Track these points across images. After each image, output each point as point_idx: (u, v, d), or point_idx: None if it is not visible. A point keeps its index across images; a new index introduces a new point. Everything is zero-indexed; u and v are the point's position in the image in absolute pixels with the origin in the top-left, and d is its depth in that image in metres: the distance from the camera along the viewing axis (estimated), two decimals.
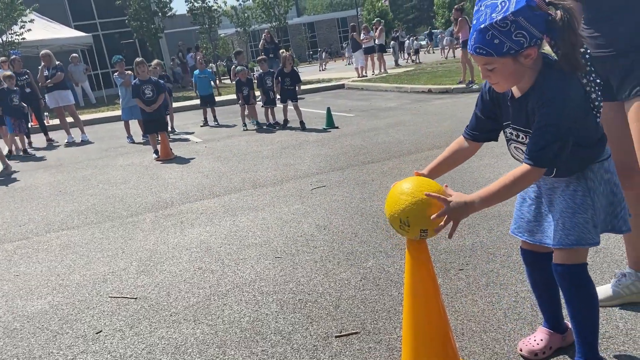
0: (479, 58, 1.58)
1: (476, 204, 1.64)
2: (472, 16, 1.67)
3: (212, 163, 6.67)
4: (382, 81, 14.57)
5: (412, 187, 1.70)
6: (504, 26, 1.49)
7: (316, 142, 7.28)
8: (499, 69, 1.57)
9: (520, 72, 1.59)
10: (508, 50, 1.52)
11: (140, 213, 4.74)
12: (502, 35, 1.50)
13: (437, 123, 7.54)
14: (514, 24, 1.48)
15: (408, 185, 1.72)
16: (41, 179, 6.94)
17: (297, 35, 60.66)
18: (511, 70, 1.57)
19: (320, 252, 3.33)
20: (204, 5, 27.33)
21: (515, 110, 1.69)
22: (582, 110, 1.62)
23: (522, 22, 1.48)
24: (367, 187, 4.70)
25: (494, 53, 1.53)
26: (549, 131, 1.55)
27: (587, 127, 1.65)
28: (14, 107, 8.86)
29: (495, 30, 1.50)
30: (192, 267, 3.33)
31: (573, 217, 1.68)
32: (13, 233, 4.57)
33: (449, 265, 2.92)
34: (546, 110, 1.55)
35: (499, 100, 1.75)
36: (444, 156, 1.93)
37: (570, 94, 1.55)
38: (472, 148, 1.91)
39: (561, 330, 2.01)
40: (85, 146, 9.64)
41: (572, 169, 1.70)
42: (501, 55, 1.53)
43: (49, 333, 2.67)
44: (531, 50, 1.53)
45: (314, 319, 2.50)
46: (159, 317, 2.71)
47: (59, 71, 10.01)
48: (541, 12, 1.50)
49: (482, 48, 1.54)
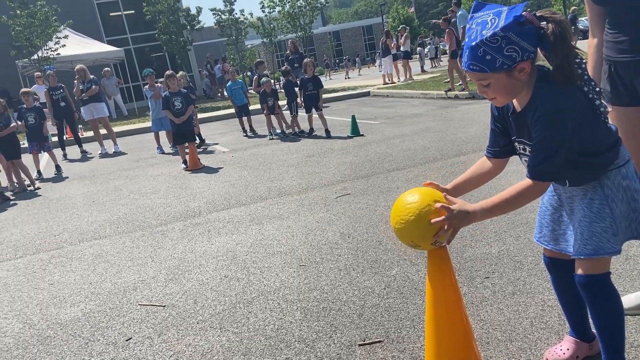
0: (473, 75, 1.61)
1: (478, 214, 1.65)
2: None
3: (238, 172, 6.77)
4: (408, 88, 14.51)
5: (404, 209, 1.69)
6: (495, 42, 1.52)
7: (341, 150, 7.30)
8: (493, 84, 1.60)
9: (515, 87, 1.60)
10: (501, 66, 1.54)
11: (170, 222, 4.84)
12: (494, 51, 1.53)
13: (464, 129, 7.47)
14: (504, 40, 1.51)
15: (401, 208, 1.71)
16: (75, 189, 7.15)
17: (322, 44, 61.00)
18: (506, 85, 1.59)
19: (344, 260, 3.34)
20: (231, 17, 27.79)
21: (517, 124, 1.70)
22: (586, 119, 1.60)
23: (513, 37, 1.51)
24: (392, 194, 4.70)
25: (487, 69, 1.56)
26: (546, 146, 1.56)
27: (595, 135, 1.63)
28: (30, 126, 8.51)
29: (486, 47, 1.53)
30: (218, 275, 3.39)
31: (590, 226, 1.66)
32: (48, 243, 4.73)
33: (475, 273, 2.89)
34: (541, 125, 1.56)
35: (504, 114, 1.77)
36: (468, 175, 1.93)
37: (565, 106, 1.55)
38: (496, 166, 1.90)
39: (588, 339, 1.97)
40: (118, 157, 9.90)
41: (586, 178, 1.68)
42: (494, 71, 1.56)
43: (81, 340, 2.75)
44: (525, 64, 1.55)
45: (337, 327, 2.51)
46: (186, 324, 2.76)
47: (93, 84, 10.33)
48: (532, 26, 1.52)
49: (475, 64, 1.57)
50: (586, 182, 1.68)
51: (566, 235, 1.81)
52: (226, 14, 27.75)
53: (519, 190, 1.62)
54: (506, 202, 1.63)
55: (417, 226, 1.66)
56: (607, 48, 2.15)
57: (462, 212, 1.64)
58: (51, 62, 17.36)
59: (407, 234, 1.70)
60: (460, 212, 1.64)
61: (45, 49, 17.73)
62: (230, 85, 10.61)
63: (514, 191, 1.63)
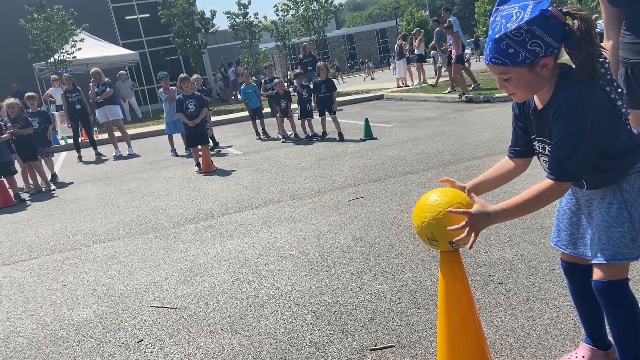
0: (494, 68, 1.58)
1: (499, 216, 1.62)
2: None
3: (251, 175, 6.78)
4: (422, 91, 14.44)
5: (434, 202, 1.68)
6: (519, 35, 1.49)
7: (354, 153, 7.28)
8: (514, 79, 1.56)
9: (537, 83, 1.57)
10: (524, 60, 1.51)
11: (182, 224, 4.86)
12: (517, 45, 1.50)
13: (478, 133, 7.41)
14: (528, 34, 1.48)
15: (430, 200, 1.70)
16: (90, 191, 7.22)
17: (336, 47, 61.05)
18: (527, 80, 1.56)
19: (356, 264, 3.32)
20: (245, 20, 27.96)
21: (538, 122, 1.67)
22: (607, 119, 1.56)
23: (537, 32, 1.48)
24: (405, 198, 4.67)
25: (509, 62, 1.53)
26: (568, 144, 1.52)
27: (617, 136, 1.60)
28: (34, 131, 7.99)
29: (510, 40, 1.50)
30: (230, 277, 3.39)
31: (608, 231, 1.62)
32: (62, 244, 4.77)
33: (488, 278, 2.85)
34: (563, 123, 1.52)
35: (525, 112, 1.73)
36: (488, 174, 1.89)
37: (587, 104, 1.51)
38: (518, 166, 1.85)
39: (604, 347, 1.93)
40: (132, 159, 9.98)
41: (604, 181, 1.64)
42: (516, 65, 1.53)
43: (93, 341, 2.77)
44: (547, 60, 1.51)
45: (349, 332, 2.49)
46: (197, 327, 2.76)
47: (108, 87, 10.44)
48: (557, 21, 1.49)
49: (497, 57, 1.54)
50: (605, 186, 1.65)
51: (585, 239, 1.77)
52: (240, 18, 27.96)
53: (540, 191, 1.59)
54: (528, 202, 1.60)
55: (442, 222, 1.64)
56: (624, 50, 2.11)
57: (482, 214, 1.60)
58: (67, 65, 17.59)
59: (429, 227, 1.67)
60: (481, 214, 1.60)
61: (61, 52, 17.98)
62: (244, 88, 10.66)
63: (535, 191, 1.59)
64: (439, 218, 1.64)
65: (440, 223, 1.64)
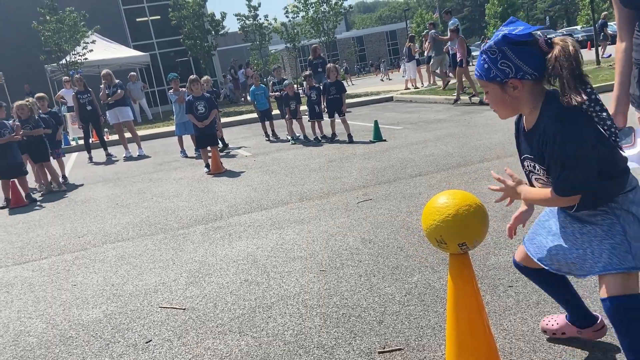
0: (477, 80, 1.72)
1: (522, 196, 1.80)
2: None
3: (260, 176, 6.79)
4: (432, 93, 14.40)
5: (443, 204, 1.68)
6: (493, 53, 1.62)
7: (363, 155, 7.27)
8: (490, 94, 1.70)
9: (511, 103, 1.67)
10: (494, 77, 1.63)
11: (191, 225, 4.88)
12: (490, 62, 1.63)
13: (488, 135, 7.37)
14: (500, 53, 1.60)
15: (439, 202, 1.70)
16: (100, 192, 7.27)
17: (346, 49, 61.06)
18: (498, 98, 1.67)
19: (365, 266, 3.31)
20: (255, 22, 28.04)
21: (526, 143, 1.75)
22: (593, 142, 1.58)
23: (508, 53, 1.59)
24: (414, 200, 4.65)
25: (483, 76, 1.67)
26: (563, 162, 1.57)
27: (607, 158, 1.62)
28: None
29: (487, 56, 1.65)
30: (238, 279, 3.39)
31: (600, 244, 1.65)
32: (73, 244, 4.80)
33: (498, 281, 2.83)
34: (553, 147, 1.58)
35: (518, 132, 1.84)
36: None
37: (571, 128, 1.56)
38: None
39: (580, 325, 2.07)
40: (142, 160, 10.04)
41: (594, 202, 1.67)
42: (489, 80, 1.65)
43: (102, 341, 2.78)
44: (517, 82, 1.60)
45: (357, 334, 2.48)
46: (205, 328, 2.77)
47: (119, 89, 10.51)
48: (529, 48, 1.57)
49: (477, 70, 1.70)
50: (594, 207, 1.68)
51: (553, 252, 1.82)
52: (250, 19, 28.03)
53: (550, 197, 1.67)
54: (542, 199, 1.71)
55: (451, 224, 1.64)
56: (636, 52, 2.09)
57: (513, 189, 1.81)
58: (79, 67, 17.75)
59: (438, 229, 1.68)
60: (513, 188, 1.81)
61: (73, 53, 18.14)
62: (254, 89, 10.68)
63: (549, 194, 1.67)
64: (448, 220, 1.63)
65: (449, 225, 1.63)
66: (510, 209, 3.97)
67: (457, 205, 1.65)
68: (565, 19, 70.80)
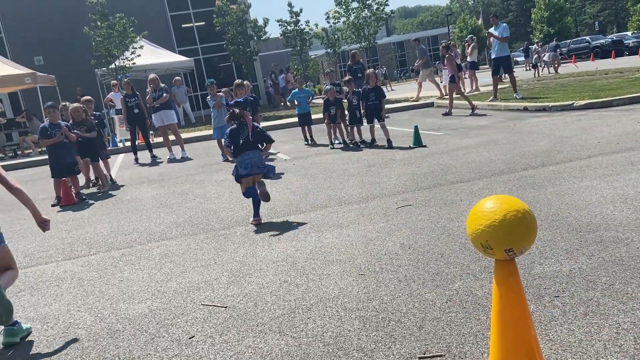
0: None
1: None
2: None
3: (299, 180, 6.84)
4: (474, 99, 14.15)
5: (490, 209, 1.65)
6: None
7: (403, 160, 7.22)
8: None
9: None
10: None
11: (232, 226, 4.97)
12: None
13: (533, 142, 7.19)
14: None
15: (486, 207, 1.68)
16: (145, 192, 7.49)
17: (386, 54, 60.80)
18: None
19: (404, 271, 3.29)
20: (297, 28, 28.31)
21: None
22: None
23: None
24: (455, 207, 4.58)
25: None
26: None
27: None
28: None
29: None
30: (278, 279, 3.43)
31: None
32: (119, 242, 4.97)
33: (544, 291, 2.76)
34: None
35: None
36: None
37: None
38: None
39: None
40: (185, 163, 10.28)
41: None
42: None
43: (147, 335, 2.87)
44: None
45: (396, 339, 2.47)
46: (246, 326, 2.81)
47: (164, 92, 10.82)
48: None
49: None
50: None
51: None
52: (292, 25, 28.32)
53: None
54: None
55: (498, 230, 1.62)
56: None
57: None
58: (127, 71, 18.35)
59: (484, 234, 1.65)
60: None
61: (122, 58, 18.77)
62: (296, 92, 10.79)
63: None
64: (495, 225, 1.61)
65: (496, 230, 1.61)
66: (557, 218, 3.88)
67: (505, 210, 1.62)
68: (615, 25, 68.32)
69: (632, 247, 3.18)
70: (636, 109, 8.97)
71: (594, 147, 6.27)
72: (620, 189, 4.38)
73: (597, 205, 4.05)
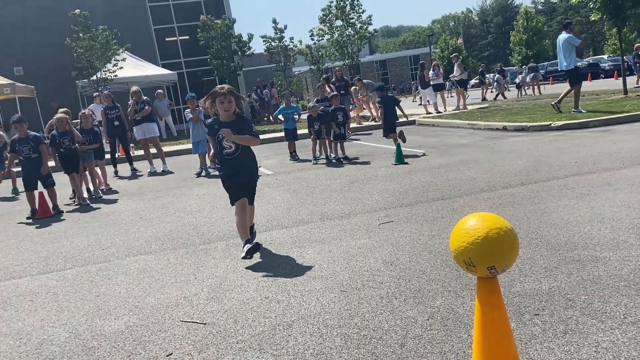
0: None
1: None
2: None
3: (281, 195, 6.82)
4: (454, 118, 14.37)
5: (472, 226, 1.66)
6: None
7: (385, 177, 7.26)
8: None
9: None
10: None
11: (213, 241, 4.91)
12: None
13: (512, 161, 7.30)
14: None
15: (468, 224, 1.69)
16: (124, 205, 7.38)
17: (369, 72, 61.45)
18: None
19: (386, 288, 3.28)
20: (281, 44, 28.50)
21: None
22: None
23: None
24: (437, 223, 4.61)
25: None
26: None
27: None
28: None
29: None
30: (259, 295, 3.39)
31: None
32: (96, 256, 4.87)
33: (523, 309, 2.77)
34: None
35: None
36: None
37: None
38: None
39: None
40: (166, 176, 10.18)
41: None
42: None
43: (123, 353, 2.80)
44: None
45: (378, 356, 2.45)
46: (226, 343, 2.76)
47: (146, 105, 10.74)
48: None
49: None
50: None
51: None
52: (276, 41, 28.51)
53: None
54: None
55: (480, 247, 1.62)
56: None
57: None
58: (109, 83, 18.20)
59: (467, 252, 1.66)
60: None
61: (104, 70, 18.64)
62: (284, 108, 10.84)
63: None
64: (478, 243, 1.62)
65: (479, 248, 1.62)
66: (536, 237, 3.92)
67: (487, 227, 1.63)
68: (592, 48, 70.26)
69: (609, 266, 3.23)
70: (612, 130, 9.19)
71: (572, 167, 6.39)
72: (598, 209, 4.45)
73: (575, 224, 4.11)
